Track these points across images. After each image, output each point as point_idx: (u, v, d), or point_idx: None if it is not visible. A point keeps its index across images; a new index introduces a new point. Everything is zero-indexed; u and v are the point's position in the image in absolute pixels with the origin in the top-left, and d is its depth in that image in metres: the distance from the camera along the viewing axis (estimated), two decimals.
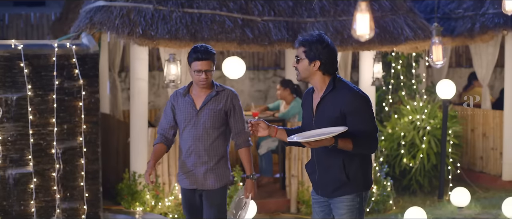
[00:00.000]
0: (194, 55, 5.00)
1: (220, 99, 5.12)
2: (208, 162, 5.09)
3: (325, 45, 4.29)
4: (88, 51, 6.94)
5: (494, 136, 9.64)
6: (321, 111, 4.34)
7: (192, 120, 5.08)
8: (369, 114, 4.31)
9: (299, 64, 4.35)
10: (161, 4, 7.53)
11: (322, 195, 4.46)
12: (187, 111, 5.10)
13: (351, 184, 4.33)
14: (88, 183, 6.89)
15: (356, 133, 4.21)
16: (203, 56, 4.99)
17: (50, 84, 6.80)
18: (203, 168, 5.09)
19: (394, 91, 9.80)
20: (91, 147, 6.91)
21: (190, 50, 5.04)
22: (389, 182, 8.45)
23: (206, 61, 5.00)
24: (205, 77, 5.02)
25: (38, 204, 6.78)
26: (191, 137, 5.08)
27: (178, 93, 5.19)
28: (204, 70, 5.00)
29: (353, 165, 4.33)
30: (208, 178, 5.09)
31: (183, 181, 5.18)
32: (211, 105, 5.08)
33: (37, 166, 6.77)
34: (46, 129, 6.80)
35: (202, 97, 5.10)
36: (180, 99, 5.14)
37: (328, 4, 8.20)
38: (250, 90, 11.71)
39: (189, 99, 5.11)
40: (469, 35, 9.29)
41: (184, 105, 5.11)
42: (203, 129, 5.07)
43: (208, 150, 5.08)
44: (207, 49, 5.04)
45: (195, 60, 4.99)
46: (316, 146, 4.17)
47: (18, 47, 6.73)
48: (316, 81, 4.36)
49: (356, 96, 4.29)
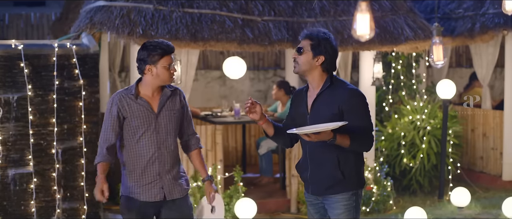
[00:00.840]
0: (160, 50, 4.54)
1: (175, 99, 4.71)
2: (173, 169, 4.67)
3: (332, 44, 4.34)
4: (88, 51, 6.94)
5: (494, 136, 9.64)
6: (317, 108, 4.35)
7: (151, 125, 4.59)
8: (366, 111, 4.34)
9: (301, 55, 4.35)
10: (161, 4, 7.53)
11: (314, 193, 4.45)
12: (144, 116, 4.59)
13: (346, 182, 4.34)
14: (88, 183, 6.90)
15: (353, 130, 4.23)
16: (170, 49, 4.59)
17: (50, 84, 6.80)
18: (169, 176, 4.65)
19: (394, 91, 9.80)
20: (91, 147, 6.91)
21: (147, 47, 4.56)
22: (389, 182, 8.45)
23: (172, 54, 4.64)
24: (175, 70, 4.70)
25: (38, 204, 6.78)
26: (153, 143, 4.59)
27: (125, 95, 4.62)
28: (173, 64, 4.64)
29: (348, 163, 4.34)
30: (177, 186, 4.68)
31: (143, 195, 4.62)
32: (169, 106, 4.66)
33: (37, 166, 6.77)
34: (46, 129, 6.80)
35: (156, 98, 4.63)
36: (130, 103, 4.59)
37: (328, 4, 8.20)
38: (250, 90, 11.71)
39: (142, 102, 4.60)
40: (469, 35, 9.29)
41: (138, 109, 4.58)
42: (166, 133, 4.62)
43: (172, 155, 4.67)
44: (167, 41, 4.66)
45: (164, 54, 4.54)
46: (315, 140, 4.17)
47: (18, 47, 6.73)
48: (314, 77, 4.37)
49: (354, 94, 4.31)
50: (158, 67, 4.55)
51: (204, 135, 7.87)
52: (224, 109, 9.48)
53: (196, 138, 4.84)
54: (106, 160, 4.62)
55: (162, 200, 4.63)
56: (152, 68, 4.55)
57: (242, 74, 8.04)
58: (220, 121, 8.64)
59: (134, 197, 4.63)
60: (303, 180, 4.55)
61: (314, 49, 4.33)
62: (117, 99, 4.60)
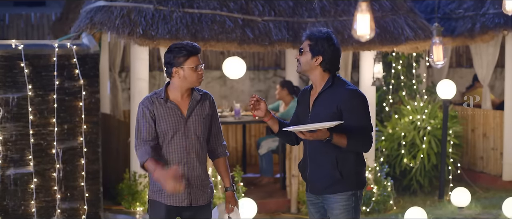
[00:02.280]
0: (186, 52, 4.44)
1: (205, 103, 4.61)
2: (201, 175, 4.57)
3: (331, 43, 4.32)
4: (89, 51, 6.94)
5: (494, 136, 9.64)
6: (317, 107, 4.36)
7: (180, 129, 4.50)
8: (365, 112, 4.33)
9: (301, 56, 4.38)
10: (162, 4, 7.53)
11: (313, 192, 4.46)
12: (174, 119, 4.50)
13: (344, 182, 4.33)
14: (88, 183, 6.89)
15: (351, 130, 4.23)
16: (197, 49, 4.49)
17: (50, 84, 6.80)
18: (197, 182, 4.55)
19: (395, 91, 9.80)
20: (91, 147, 6.91)
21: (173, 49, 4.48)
22: (389, 182, 8.44)
23: (199, 55, 4.53)
24: (203, 71, 4.54)
25: (38, 204, 6.78)
26: (182, 148, 4.50)
27: (154, 99, 4.55)
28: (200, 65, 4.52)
29: (347, 163, 4.34)
30: (204, 192, 4.58)
31: (169, 198, 4.52)
32: (198, 110, 4.57)
33: (37, 166, 6.77)
34: (47, 129, 6.80)
35: (185, 101, 4.55)
36: (160, 107, 4.51)
37: (329, 4, 8.20)
38: (251, 90, 11.71)
39: (172, 106, 4.52)
40: (470, 35, 9.29)
41: (167, 112, 4.50)
42: (195, 138, 4.53)
43: (201, 161, 4.57)
44: (192, 42, 4.55)
45: (190, 55, 4.45)
46: (311, 138, 4.18)
47: (18, 47, 6.73)
48: (315, 77, 4.39)
49: (353, 94, 4.31)
50: (185, 69, 4.45)
51: None
52: (224, 109, 9.48)
53: (223, 145, 4.73)
54: (153, 156, 4.45)
55: (188, 205, 4.53)
56: (179, 71, 4.46)
57: (242, 74, 8.04)
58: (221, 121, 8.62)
59: (161, 201, 4.52)
60: (303, 179, 4.56)
61: (313, 49, 4.34)
62: (148, 102, 4.52)
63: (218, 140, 4.72)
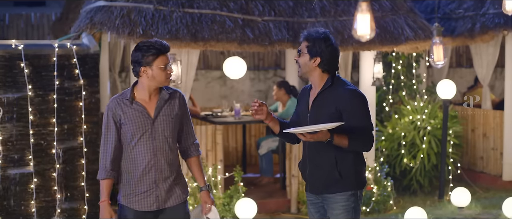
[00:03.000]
0: (155, 50, 4.30)
1: (173, 103, 4.46)
2: (170, 176, 4.44)
3: (328, 44, 4.31)
4: (89, 51, 6.94)
5: (494, 136, 9.64)
6: (316, 107, 4.35)
7: (147, 130, 4.37)
8: (365, 112, 4.32)
9: (300, 57, 4.37)
10: (162, 4, 7.53)
11: (313, 192, 4.46)
12: (140, 121, 4.37)
13: (343, 182, 4.33)
14: (88, 183, 6.89)
15: (352, 130, 4.22)
16: (166, 48, 4.35)
17: (50, 84, 6.80)
18: (166, 184, 4.43)
19: (395, 91, 9.80)
20: (91, 147, 6.91)
21: (141, 48, 4.34)
22: (389, 182, 8.44)
23: (167, 54, 4.39)
24: (172, 70, 4.41)
25: (38, 204, 6.78)
26: (149, 150, 4.38)
27: (120, 100, 4.41)
28: (169, 64, 4.39)
29: (346, 163, 4.33)
30: (172, 194, 4.46)
31: (137, 203, 4.45)
32: (167, 110, 4.43)
33: (37, 166, 6.77)
34: (47, 129, 6.80)
35: (152, 102, 4.41)
36: (125, 108, 4.38)
37: (329, 4, 8.20)
38: (251, 90, 11.71)
39: (138, 107, 4.39)
40: (470, 35, 9.29)
41: (133, 114, 4.37)
42: (163, 140, 4.39)
43: (170, 162, 4.43)
44: (161, 40, 4.41)
45: (159, 54, 4.31)
46: (311, 140, 4.17)
47: (18, 47, 6.73)
48: (314, 78, 4.38)
49: (352, 94, 4.30)
50: (154, 68, 4.32)
51: (204, 135, 7.87)
52: (225, 109, 9.48)
53: (195, 144, 4.61)
54: (110, 176, 4.46)
55: (156, 209, 4.45)
56: (147, 70, 4.33)
57: (242, 74, 8.04)
58: (221, 121, 8.64)
59: (130, 207, 4.48)
60: (303, 179, 4.56)
61: (310, 50, 4.32)
62: (113, 106, 4.39)
63: (189, 139, 4.58)
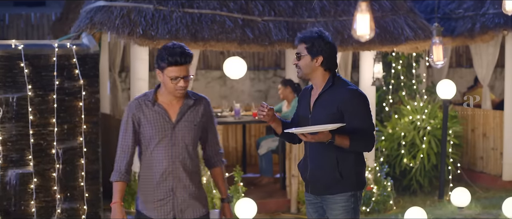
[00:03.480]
0: (170, 59, 4.08)
1: (198, 109, 4.26)
2: (189, 186, 4.23)
3: (326, 41, 4.32)
4: (89, 51, 6.94)
5: (494, 136, 9.64)
6: (318, 107, 4.35)
7: (167, 135, 4.18)
8: (366, 112, 4.32)
9: (300, 60, 4.35)
10: (162, 4, 7.53)
11: (313, 192, 4.45)
12: (160, 125, 4.18)
13: (344, 183, 4.32)
14: (88, 183, 6.89)
15: (354, 130, 4.22)
16: (181, 60, 4.09)
17: (50, 84, 6.80)
18: (184, 193, 4.23)
19: (395, 91, 9.80)
20: (91, 147, 6.91)
21: (161, 50, 4.14)
22: (389, 182, 8.44)
23: (185, 66, 4.11)
24: (184, 85, 4.13)
25: (38, 204, 6.78)
26: (167, 156, 4.19)
27: (142, 101, 4.23)
28: (183, 77, 4.12)
29: (347, 164, 4.33)
30: (191, 205, 4.26)
31: (153, 211, 4.25)
32: (190, 116, 4.23)
33: (37, 166, 6.77)
34: (47, 129, 6.80)
35: (175, 106, 4.22)
36: (146, 110, 4.20)
37: (329, 4, 8.21)
38: (251, 90, 11.71)
39: (160, 109, 4.20)
40: (470, 35, 9.29)
41: (154, 117, 4.19)
42: (182, 146, 4.19)
43: (189, 171, 4.23)
44: (185, 50, 4.12)
45: (171, 65, 4.08)
46: (313, 140, 4.17)
47: (18, 47, 6.73)
48: (316, 78, 4.37)
49: (354, 94, 4.30)
50: (165, 75, 4.13)
51: None
52: (224, 109, 9.48)
53: (219, 153, 4.42)
54: (123, 179, 4.31)
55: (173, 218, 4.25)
56: (160, 74, 4.16)
57: (242, 74, 8.04)
58: (220, 121, 8.64)
59: (146, 214, 4.27)
60: (303, 179, 4.55)
61: (310, 51, 4.32)
62: (134, 106, 4.21)
63: (213, 148, 4.39)
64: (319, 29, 4.38)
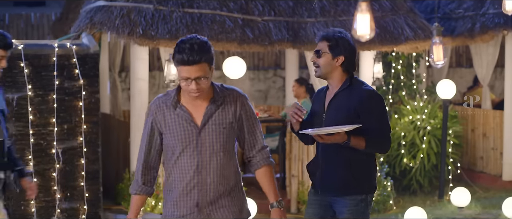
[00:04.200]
0: (179, 56, 3.47)
1: (228, 108, 3.63)
2: (219, 199, 3.63)
3: (349, 42, 4.25)
4: (88, 51, 6.94)
5: (494, 136, 9.64)
6: (333, 107, 4.26)
7: (191, 143, 3.57)
8: (383, 113, 4.25)
9: (320, 58, 4.25)
10: (162, 4, 7.53)
11: (324, 194, 4.39)
12: (183, 130, 3.57)
13: (356, 185, 4.25)
14: (88, 183, 6.89)
15: (370, 131, 4.17)
16: (189, 59, 3.47)
17: (50, 84, 6.80)
18: (212, 209, 3.63)
19: (395, 91, 9.80)
20: (91, 147, 6.91)
21: (176, 45, 3.55)
22: (389, 182, 8.44)
23: (195, 66, 3.49)
24: (196, 87, 3.50)
25: (38, 204, 6.78)
26: (193, 166, 3.58)
27: (162, 102, 3.63)
28: (194, 78, 3.50)
29: (360, 166, 4.26)
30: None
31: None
32: (219, 117, 3.60)
33: (37, 166, 6.77)
34: (46, 129, 6.80)
35: (200, 107, 3.59)
36: (168, 113, 3.60)
37: (329, 4, 8.21)
38: (251, 90, 11.71)
39: (182, 112, 3.59)
40: (470, 35, 9.29)
41: (176, 121, 3.58)
42: (211, 154, 3.58)
43: (219, 182, 3.62)
44: (195, 47, 3.51)
45: (181, 64, 3.48)
46: (328, 141, 4.10)
47: (18, 47, 6.73)
48: (334, 78, 4.27)
49: (371, 95, 4.22)
50: (178, 73, 3.56)
51: None
52: None
53: (262, 152, 3.76)
54: (142, 192, 3.67)
55: None
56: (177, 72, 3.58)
57: (242, 74, 8.04)
58: None
59: None
60: (312, 179, 4.47)
61: (333, 49, 4.22)
62: (154, 108, 3.63)
63: (254, 146, 3.74)
64: (343, 30, 4.31)
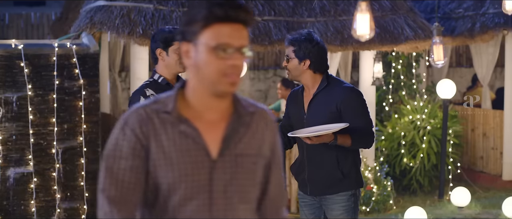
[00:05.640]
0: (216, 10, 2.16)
1: (253, 131, 2.29)
2: None
3: (314, 44, 4.24)
4: (88, 51, 6.94)
5: (494, 136, 9.64)
6: (313, 108, 4.30)
7: (201, 181, 2.20)
8: (364, 109, 4.30)
9: (289, 63, 4.29)
10: (161, 4, 7.53)
11: (313, 194, 4.41)
12: (190, 161, 2.20)
13: (345, 181, 4.30)
14: (88, 183, 6.89)
15: (353, 128, 4.20)
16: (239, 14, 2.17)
17: (50, 84, 6.80)
18: None
19: (395, 91, 9.80)
20: (91, 147, 6.91)
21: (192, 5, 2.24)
22: (389, 182, 8.44)
23: (244, 29, 2.21)
24: (239, 63, 2.25)
25: (38, 204, 6.78)
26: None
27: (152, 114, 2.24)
28: (238, 47, 2.21)
29: (347, 162, 4.31)
30: None
31: None
32: (245, 143, 2.27)
33: (37, 166, 6.77)
34: (46, 128, 6.80)
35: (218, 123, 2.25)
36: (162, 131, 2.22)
37: (329, 4, 8.21)
38: (251, 90, 11.71)
39: (190, 130, 2.22)
40: (470, 35, 9.29)
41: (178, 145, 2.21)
42: (231, 205, 2.23)
43: None
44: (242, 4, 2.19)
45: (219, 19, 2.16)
46: (317, 142, 4.14)
47: (18, 46, 6.73)
48: (306, 80, 4.31)
49: (350, 92, 4.27)
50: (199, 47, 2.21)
51: None
52: None
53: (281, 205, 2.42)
54: None
55: None
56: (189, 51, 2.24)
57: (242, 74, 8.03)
58: None
59: None
60: (298, 181, 4.50)
61: (298, 54, 4.24)
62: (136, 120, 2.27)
63: (274, 204, 2.37)
64: (308, 31, 4.30)
